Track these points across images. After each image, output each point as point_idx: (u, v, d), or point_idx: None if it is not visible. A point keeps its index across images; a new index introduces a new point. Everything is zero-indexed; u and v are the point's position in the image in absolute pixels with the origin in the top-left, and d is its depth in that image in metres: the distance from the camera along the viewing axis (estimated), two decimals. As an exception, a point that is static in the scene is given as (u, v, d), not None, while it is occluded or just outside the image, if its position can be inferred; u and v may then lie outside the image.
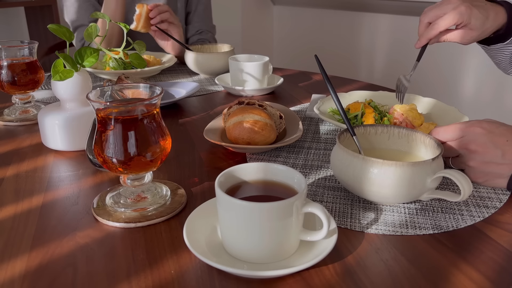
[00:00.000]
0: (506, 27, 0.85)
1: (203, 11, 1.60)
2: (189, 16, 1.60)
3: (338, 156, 0.60)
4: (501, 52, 0.91)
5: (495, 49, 0.91)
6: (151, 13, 1.30)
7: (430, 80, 2.31)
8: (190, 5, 1.59)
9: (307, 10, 2.93)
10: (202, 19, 1.60)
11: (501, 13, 0.84)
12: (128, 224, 0.55)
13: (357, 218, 0.57)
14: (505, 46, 0.88)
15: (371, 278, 0.46)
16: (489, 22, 0.82)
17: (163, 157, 0.57)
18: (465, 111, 0.84)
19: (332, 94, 0.66)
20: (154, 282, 0.45)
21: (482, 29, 0.82)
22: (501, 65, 0.97)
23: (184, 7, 1.57)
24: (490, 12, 0.82)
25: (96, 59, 0.72)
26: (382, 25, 2.56)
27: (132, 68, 1.21)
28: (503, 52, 0.90)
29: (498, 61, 0.96)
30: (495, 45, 0.89)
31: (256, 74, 1.10)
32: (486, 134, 0.61)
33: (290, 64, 2.87)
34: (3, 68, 0.90)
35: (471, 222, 0.56)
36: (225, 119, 0.79)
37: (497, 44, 0.88)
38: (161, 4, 1.33)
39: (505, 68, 0.97)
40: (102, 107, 0.54)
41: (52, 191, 0.64)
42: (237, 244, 0.48)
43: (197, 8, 1.59)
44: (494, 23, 0.83)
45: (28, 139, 0.83)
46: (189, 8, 1.59)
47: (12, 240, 0.52)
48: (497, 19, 0.83)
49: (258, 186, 0.53)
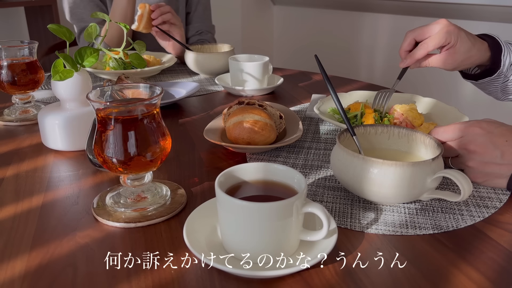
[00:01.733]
0: (492, 62, 0.84)
1: (203, 12, 1.60)
2: (189, 16, 1.60)
3: (338, 156, 0.60)
4: (490, 85, 0.90)
5: (483, 83, 0.89)
6: (153, 14, 1.30)
7: (430, 80, 2.31)
8: (190, 6, 1.59)
9: (307, 10, 2.93)
10: (202, 20, 1.60)
11: (485, 46, 0.83)
12: (128, 224, 0.55)
13: (357, 218, 0.57)
14: (493, 79, 0.87)
15: (371, 278, 0.46)
16: (475, 50, 0.81)
17: (163, 157, 0.57)
18: (465, 111, 0.83)
19: (332, 94, 0.66)
20: (154, 282, 0.45)
21: (467, 55, 0.81)
22: (492, 95, 0.96)
23: (184, 8, 1.57)
24: (476, 40, 0.82)
25: (96, 59, 0.72)
26: (382, 25, 2.56)
27: (132, 68, 1.21)
28: (492, 84, 0.89)
29: (489, 92, 0.95)
30: (483, 79, 0.88)
31: (256, 74, 1.10)
32: (485, 135, 0.61)
33: (290, 64, 2.87)
34: (3, 68, 0.90)
35: (471, 222, 0.56)
36: (225, 119, 0.79)
37: (484, 79, 0.87)
38: (163, 5, 1.33)
39: (496, 97, 0.96)
40: (102, 107, 0.54)
41: (52, 191, 0.64)
42: (237, 244, 0.48)
43: (197, 8, 1.59)
44: (478, 53, 0.82)
45: (28, 139, 0.83)
46: (189, 9, 1.59)
47: (12, 240, 0.52)
48: (482, 50, 0.82)
49: (258, 186, 0.53)
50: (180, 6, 1.55)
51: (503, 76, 0.86)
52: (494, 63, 0.84)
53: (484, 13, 2.06)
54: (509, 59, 0.84)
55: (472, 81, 0.91)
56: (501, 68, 0.84)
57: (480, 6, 2.02)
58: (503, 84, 0.89)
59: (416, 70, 0.88)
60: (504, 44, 0.84)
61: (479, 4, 2.00)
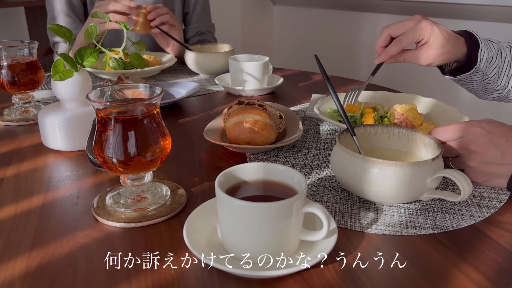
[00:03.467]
0: (467, 57, 0.84)
1: (202, 11, 1.59)
2: (187, 17, 1.59)
3: (338, 156, 0.60)
4: (469, 81, 0.90)
5: (461, 79, 0.89)
6: (150, 15, 1.30)
7: (430, 80, 2.31)
8: (187, 6, 1.58)
9: (307, 10, 2.93)
10: (201, 20, 1.59)
11: (461, 41, 0.83)
12: (128, 224, 0.55)
13: (357, 218, 0.57)
14: (470, 76, 0.87)
15: (371, 278, 0.46)
16: (449, 45, 0.81)
17: (163, 157, 0.57)
18: (465, 111, 0.83)
19: (332, 94, 0.66)
20: (154, 282, 0.45)
21: (441, 50, 0.81)
22: (473, 92, 0.96)
23: (181, 8, 1.57)
24: (451, 35, 0.82)
25: (96, 59, 0.72)
26: (382, 25, 2.54)
27: (132, 68, 1.21)
28: (471, 81, 0.89)
29: (470, 89, 0.95)
30: (460, 75, 0.88)
31: (256, 74, 1.10)
32: (486, 134, 0.61)
33: (290, 64, 2.87)
34: (3, 68, 0.90)
35: (471, 222, 0.56)
36: (225, 119, 0.79)
37: (462, 75, 0.87)
38: (161, 6, 1.32)
39: (478, 95, 0.96)
40: (102, 107, 0.54)
41: (52, 191, 0.64)
42: (237, 244, 0.48)
43: (195, 8, 1.58)
44: (453, 48, 0.82)
45: (28, 139, 0.83)
46: (187, 9, 1.59)
47: (12, 240, 0.52)
48: (457, 45, 0.82)
49: (258, 186, 0.53)
50: (176, 7, 1.54)
51: (480, 72, 0.85)
52: (470, 58, 0.84)
53: (484, 13, 2.06)
54: (486, 55, 0.83)
55: (451, 77, 0.91)
56: (477, 64, 0.83)
57: (480, 6, 2.02)
58: (483, 82, 0.88)
59: (416, 70, 0.88)
60: (482, 40, 0.83)
61: (479, 4, 2.00)
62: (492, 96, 0.93)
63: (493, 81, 0.87)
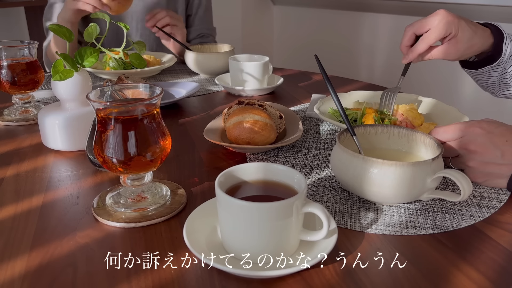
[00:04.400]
0: (494, 48, 0.83)
1: (204, 14, 1.60)
2: (190, 19, 1.60)
3: (338, 156, 0.60)
4: (489, 75, 0.89)
5: (483, 72, 0.88)
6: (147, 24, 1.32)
7: (430, 80, 2.31)
8: (190, 8, 1.59)
9: (307, 10, 2.93)
10: (203, 22, 1.60)
11: (487, 33, 0.83)
12: (128, 224, 0.55)
13: (357, 218, 0.57)
14: (493, 68, 0.86)
15: (371, 278, 0.46)
16: (477, 38, 0.80)
17: (163, 157, 0.57)
18: (465, 111, 0.83)
19: (332, 94, 0.66)
20: (154, 282, 0.45)
21: (470, 43, 0.80)
22: (489, 88, 0.95)
23: (184, 10, 1.57)
24: (478, 28, 0.81)
25: (96, 59, 0.72)
26: (382, 25, 2.56)
27: (132, 68, 1.21)
28: (491, 74, 0.88)
29: (486, 85, 0.94)
30: (482, 68, 0.87)
31: (256, 74, 1.10)
32: (486, 135, 0.61)
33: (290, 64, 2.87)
34: (3, 68, 0.90)
35: (471, 222, 0.56)
36: (225, 119, 0.79)
37: (485, 67, 0.86)
38: (159, 11, 1.32)
39: (493, 91, 0.95)
40: (102, 107, 0.54)
41: (52, 191, 0.64)
42: (237, 244, 0.48)
43: (197, 11, 1.59)
44: (481, 40, 0.81)
45: (28, 139, 0.83)
46: (190, 11, 1.59)
47: (12, 240, 0.52)
48: (484, 37, 0.82)
49: (258, 186, 0.53)
50: (179, 8, 1.55)
51: (502, 66, 0.85)
52: (496, 49, 0.83)
53: (484, 13, 2.06)
54: (510, 48, 0.83)
55: (472, 70, 0.90)
56: (502, 56, 0.83)
57: (480, 6, 2.02)
58: (501, 76, 0.88)
59: (415, 70, 0.88)
60: (506, 33, 0.83)
61: (479, 4, 2.00)
62: (506, 92, 0.92)
63: (511, 76, 0.87)
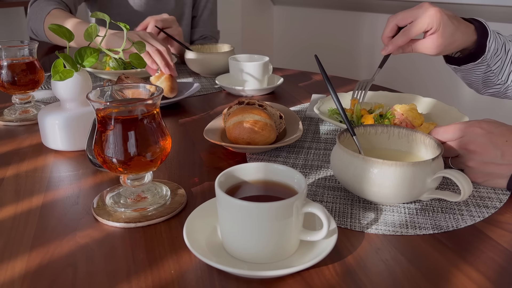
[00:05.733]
0: (477, 45, 0.82)
1: (208, 17, 1.61)
2: (194, 20, 1.61)
3: (338, 156, 0.60)
4: (472, 72, 0.88)
5: (466, 69, 0.88)
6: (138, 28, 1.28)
7: (430, 80, 2.31)
8: (196, 10, 1.60)
9: (307, 10, 2.93)
10: (207, 25, 1.61)
11: (471, 29, 0.82)
12: (128, 224, 0.55)
13: (357, 218, 0.57)
14: (476, 65, 0.85)
15: (371, 278, 0.46)
16: (459, 33, 0.79)
17: (163, 157, 0.57)
18: (465, 111, 0.83)
19: (332, 94, 0.66)
20: (154, 282, 0.45)
21: (451, 39, 0.79)
22: (473, 85, 0.94)
23: (191, 12, 1.58)
24: (461, 23, 0.80)
25: (96, 59, 0.72)
26: (382, 25, 2.55)
27: (132, 68, 1.21)
28: (474, 72, 0.88)
29: (470, 82, 0.93)
30: (466, 65, 0.86)
31: (256, 74, 1.10)
32: (486, 135, 0.61)
33: (290, 64, 2.87)
34: (3, 68, 0.90)
35: (471, 222, 0.56)
36: (225, 119, 0.79)
37: (468, 64, 0.86)
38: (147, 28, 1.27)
39: (477, 89, 0.94)
40: (102, 107, 0.54)
41: (52, 191, 0.64)
42: (237, 244, 0.48)
43: (202, 13, 1.60)
44: (463, 36, 0.80)
45: (28, 139, 0.83)
46: (195, 12, 1.60)
47: (12, 240, 0.52)
48: (467, 33, 0.81)
49: (258, 186, 0.53)
50: (186, 10, 1.56)
51: (486, 63, 0.84)
52: (479, 47, 0.82)
53: (484, 13, 2.06)
54: (494, 45, 0.82)
55: (455, 66, 0.89)
56: (485, 54, 0.82)
57: (480, 6, 2.02)
58: (485, 74, 0.87)
59: (416, 70, 0.88)
60: (490, 30, 0.82)
61: (479, 4, 2.00)
62: (491, 90, 0.91)
63: (495, 74, 0.86)
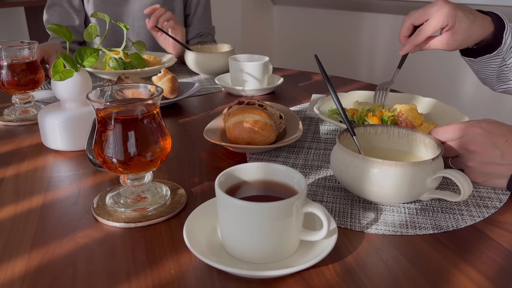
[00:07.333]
0: (493, 37, 0.82)
1: (203, 13, 1.60)
2: (189, 19, 1.60)
3: (338, 156, 0.60)
4: (487, 66, 0.88)
5: (481, 62, 0.88)
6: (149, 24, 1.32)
7: (430, 80, 2.31)
8: (189, 8, 1.59)
9: (307, 10, 2.93)
10: (202, 22, 1.60)
11: (487, 21, 0.82)
12: (128, 224, 0.55)
13: (357, 218, 0.57)
14: (492, 58, 0.85)
15: (371, 278, 0.46)
16: (475, 27, 0.80)
17: (163, 157, 0.57)
18: (465, 111, 0.83)
19: (332, 94, 0.66)
20: (154, 282, 0.45)
21: (468, 33, 0.80)
22: (487, 81, 0.94)
23: (182, 9, 1.57)
24: (476, 17, 0.81)
25: (96, 59, 0.72)
26: (382, 25, 2.56)
27: (132, 68, 1.21)
28: (489, 65, 0.88)
29: (484, 76, 0.93)
30: (481, 57, 0.86)
31: (256, 74, 1.10)
32: (485, 135, 0.61)
33: (290, 64, 2.87)
34: (3, 68, 0.90)
35: (471, 222, 0.56)
36: (225, 119, 0.79)
37: (483, 56, 0.86)
38: (157, 7, 1.32)
39: (491, 84, 0.94)
40: (102, 107, 0.54)
41: (52, 191, 0.64)
42: (237, 244, 0.48)
43: (196, 10, 1.59)
44: (479, 29, 0.81)
45: (28, 139, 0.83)
46: (188, 11, 1.59)
47: (12, 240, 0.52)
48: (483, 26, 0.81)
49: (258, 186, 0.53)
50: (176, 8, 1.55)
51: (501, 56, 0.85)
52: (495, 38, 0.82)
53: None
54: (510, 39, 0.82)
55: (470, 59, 0.89)
56: (501, 46, 0.83)
57: (480, 6, 2.01)
58: (500, 68, 0.87)
59: (416, 70, 0.88)
60: (507, 23, 0.83)
61: (479, 4, 2.00)
62: (505, 86, 0.92)
63: (510, 69, 0.86)
